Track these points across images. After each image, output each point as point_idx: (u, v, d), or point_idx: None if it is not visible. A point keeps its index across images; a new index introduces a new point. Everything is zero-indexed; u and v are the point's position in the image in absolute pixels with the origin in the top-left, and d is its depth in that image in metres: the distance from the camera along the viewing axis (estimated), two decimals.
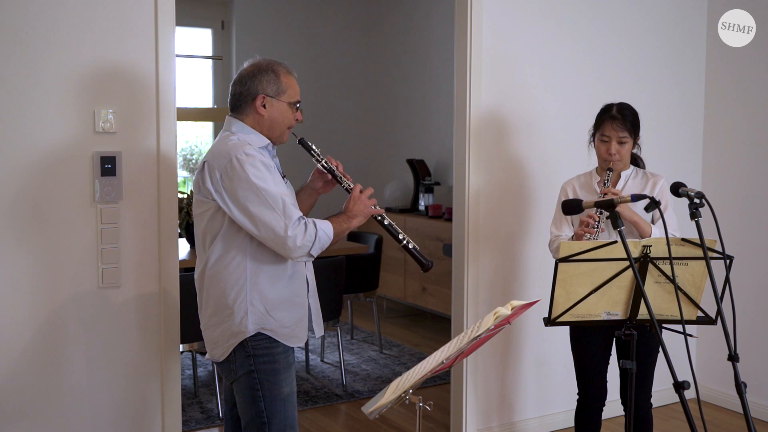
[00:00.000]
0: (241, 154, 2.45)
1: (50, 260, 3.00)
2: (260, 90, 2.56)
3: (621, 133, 3.09)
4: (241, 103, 2.58)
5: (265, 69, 2.57)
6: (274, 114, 2.58)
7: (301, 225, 2.47)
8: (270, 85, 2.56)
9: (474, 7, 3.76)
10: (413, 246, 2.70)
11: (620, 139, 3.10)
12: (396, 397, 2.13)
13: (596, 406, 3.23)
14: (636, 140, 3.16)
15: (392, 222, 2.69)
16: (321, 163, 2.71)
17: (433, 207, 6.61)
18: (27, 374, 2.99)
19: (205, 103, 7.34)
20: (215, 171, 2.48)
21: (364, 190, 2.67)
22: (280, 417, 2.58)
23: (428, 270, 2.70)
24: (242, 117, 2.59)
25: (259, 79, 2.56)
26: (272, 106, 2.57)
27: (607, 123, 3.12)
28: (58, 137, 2.99)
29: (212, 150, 2.55)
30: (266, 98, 2.56)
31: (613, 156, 3.11)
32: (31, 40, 2.93)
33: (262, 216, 2.44)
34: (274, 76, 2.57)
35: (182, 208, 4.63)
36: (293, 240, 2.44)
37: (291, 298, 2.62)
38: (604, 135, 3.13)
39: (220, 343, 2.58)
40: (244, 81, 2.57)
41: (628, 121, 3.10)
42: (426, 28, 7.12)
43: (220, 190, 2.47)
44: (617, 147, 3.10)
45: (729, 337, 2.29)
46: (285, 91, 2.58)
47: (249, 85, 2.56)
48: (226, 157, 2.47)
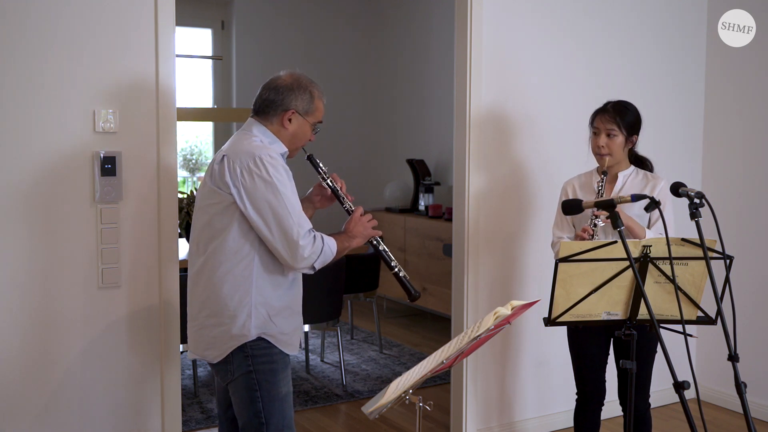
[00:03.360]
0: (266, 156, 2.48)
1: (50, 260, 3.00)
2: (293, 105, 2.60)
3: (608, 125, 3.13)
4: (269, 110, 2.61)
5: (304, 87, 2.62)
6: (297, 130, 2.63)
7: (311, 236, 2.50)
8: (303, 104, 2.61)
9: (474, 7, 3.76)
10: (403, 275, 2.76)
11: (608, 131, 3.14)
12: (396, 397, 2.13)
13: (595, 406, 3.24)
14: (629, 137, 3.17)
15: (386, 248, 2.76)
16: (326, 181, 2.74)
17: (433, 207, 6.61)
18: (27, 374, 2.99)
19: (205, 103, 7.34)
20: (236, 166, 2.48)
21: (364, 214, 2.72)
22: (278, 417, 2.58)
23: (415, 300, 2.77)
24: (266, 123, 2.62)
25: (296, 94, 2.60)
26: (297, 123, 2.62)
27: (598, 116, 3.19)
28: (58, 137, 2.99)
29: (233, 146, 2.56)
30: (295, 114, 2.60)
31: (601, 148, 3.15)
32: (32, 40, 2.93)
33: (277, 218, 2.45)
34: (309, 97, 2.62)
35: (182, 208, 4.63)
36: (303, 249, 2.47)
37: (290, 305, 2.63)
38: (594, 127, 3.20)
39: (216, 345, 2.56)
40: (279, 90, 2.60)
41: (617, 114, 3.14)
42: (426, 28, 7.12)
43: (239, 185, 2.47)
44: (606, 140, 3.14)
45: (729, 337, 2.29)
46: (313, 113, 2.64)
47: (284, 97, 2.59)
48: (249, 155, 2.48)
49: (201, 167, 7.41)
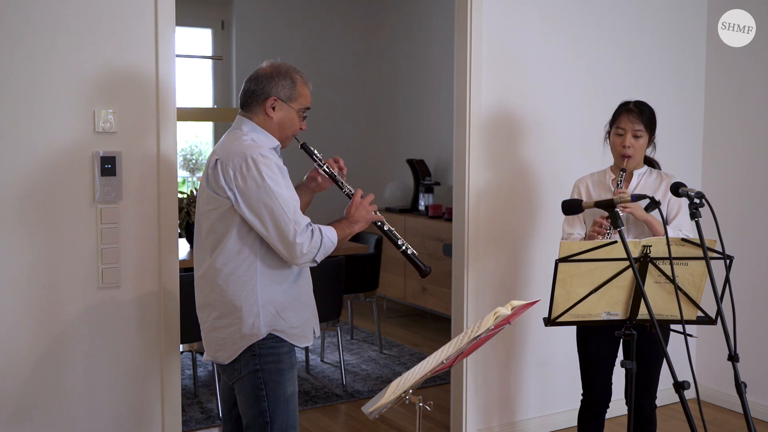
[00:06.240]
0: (257, 155, 2.46)
1: (50, 260, 3.00)
2: (273, 92, 2.56)
3: (637, 125, 3.08)
4: (252, 101, 2.59)
5: (283, 74, 2.58)
6: (282, 117, 2.59)
7: (308, 232, 2.48)
8: (284, 90, 2.57)
9: (474, 7, 3.76)
10: (412, 252, 2.72)
11: (635, 132, 3.08)
12: (396, 397, 2.13)
13: (600, 407, 3.21)
14: (651, 138, 3.14)
15: (392, 228, 2.72)
16: (323, 168, 2.73)
17: (433, 207, 6.61)
18: (27, 374, 2.99)
19: (205, 103, 7.34)
20: (229, 169, 2.47)
21: (365, 196, 2.68)
22: (283, 417, 2.58)
23: (426, 276, 2.73)
24: (251, 116, 2.59)
25: (275, 81, 2.57)
26: (281, 110, 2.58)
27: (624, 115, 3.11)
28: (59, 137, 2.99)
29: (225, 148, 2.54)
30: (277, 101, 2.57)
31: (626, 149, 3.08)
32: (32, 40, 2.93)
33: (273, 218, 2.45)
34: (291, 83, 2.58)
35: (182, 208, 4.62)
36: (301, 247, 2.46)
37: (299, 297, 2.62)
38: (619, 128, 3.12)
39: (227, 346, 2.56)
40: (259, 80, 2.58)
41: (644, 115, 3.09)
42: (426, 28, 7.12)
43: (234, 188, 2.46)
44: (632, 140, 3.08)
45: (729, 337, 2.29)
46: (296, 99, 2.60)
47: (264, 85, 2.57)
48: (241, 156, 2.46)
49: (201, 167, 7.41)
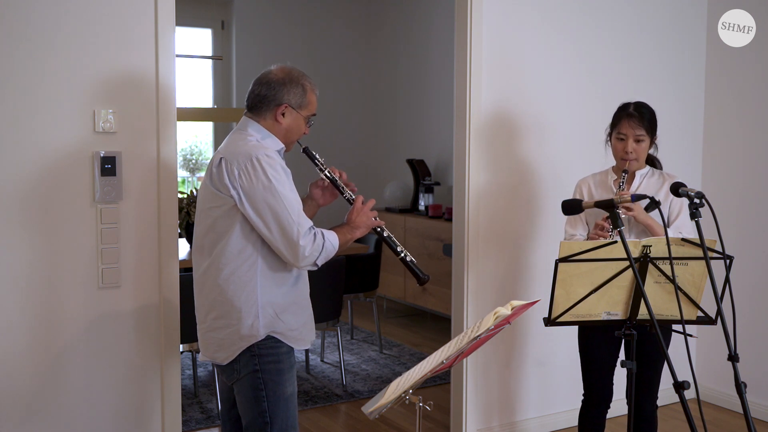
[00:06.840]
0: (263, 156, 2.46)
1: (50, 260, 3.00)
2: (285, 99, 2.57)
3: (638, 131, 3.06)
4: (262, 105, 2.59)
5: (295, 81, 2.59)
6: (291, 124, 2.61)
7: (311, 235, 2.48)
8: (295, 98, 2.59)
9: (474, 7, 3.76)
10: (411, 259, 2.72)
11: (637, 137, 3.07)
12: (396, 397, 2.13)
13: (601, 407, 3.20)
14: (653, 139, 3.13)
15: (391, 234, 2.73)
16: (324, 172, 2.73)
17: (433, 207, 6.61)
18: (27, 374, 2.99)
19: (205, 103, 7.34)
20: (233, 168, 2.47)
21: (366, 202, 2.69)
22: (283, 417, 2.57)
23: (424, 284, 2.73)
24: (259, 119, 2.60)
25: (288, 88, 2.58)
26: (291, 117, 2.60)
27: (624, 121, 3.09)
28: (58, 137, 2.99)
29: (229, 147, 2.54)
30: (288, 108, 2.58)
31: (629, 154, 3.07)
32: (32, 40, 2.93)
33: (277, 219, 2.45)
34: (302, 91, 2.60)
35: (182, 208, 4.63)
36: (303, 249, 2.46)
37: (297, 300, 2.62)
38: (620, 133, 3.10)
39: (225, 346, 2.56)
40: (271, 85, 2.58)
41: (645, 119, 3.07)
42: (426, 28, 7.12)
43: (238, 187, 2.46)
44: (634, 145, 3.07)
45: (729, 337, 2.29)
46: (306, 106, 2.62)
47: (276, 92, 2.57)
48: (246, 156, 2.47)
49: (201, 167, 7.41)
